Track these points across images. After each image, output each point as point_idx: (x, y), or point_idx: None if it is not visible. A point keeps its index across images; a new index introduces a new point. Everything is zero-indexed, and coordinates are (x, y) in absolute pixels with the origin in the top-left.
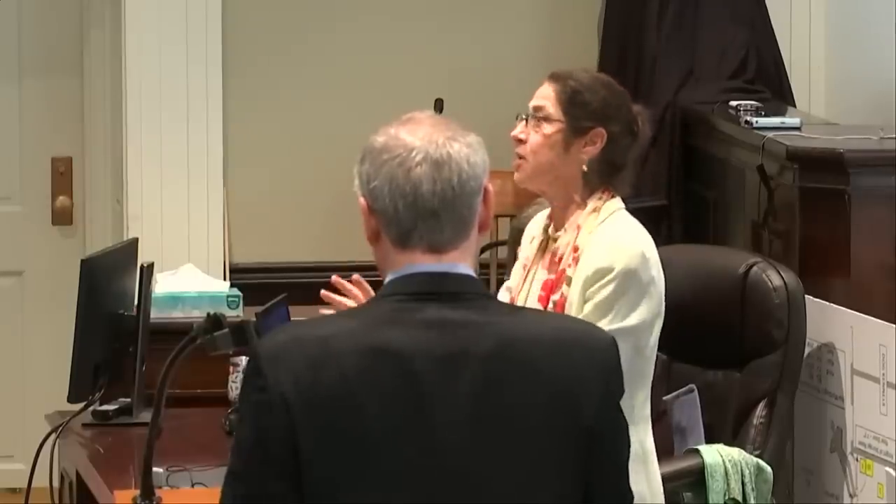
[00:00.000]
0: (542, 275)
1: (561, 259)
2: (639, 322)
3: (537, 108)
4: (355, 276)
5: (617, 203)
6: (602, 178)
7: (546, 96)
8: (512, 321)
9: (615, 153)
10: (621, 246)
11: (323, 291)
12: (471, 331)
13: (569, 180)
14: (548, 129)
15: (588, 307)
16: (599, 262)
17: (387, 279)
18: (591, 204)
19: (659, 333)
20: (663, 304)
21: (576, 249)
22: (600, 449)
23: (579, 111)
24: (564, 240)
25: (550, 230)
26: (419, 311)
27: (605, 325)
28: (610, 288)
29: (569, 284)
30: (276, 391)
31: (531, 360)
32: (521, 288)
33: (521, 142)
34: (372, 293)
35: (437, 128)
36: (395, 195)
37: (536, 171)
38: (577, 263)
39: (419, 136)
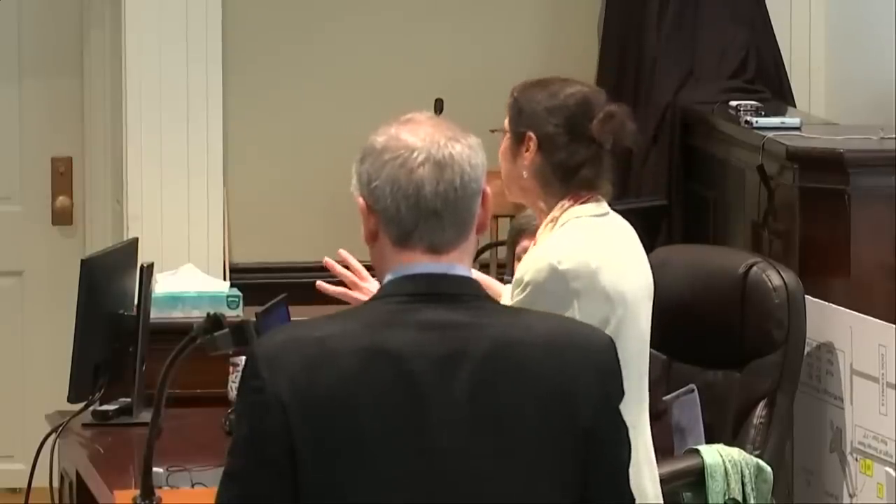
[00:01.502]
0: None
1: None
2: None
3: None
4: (341, 251)
5: (582, 210)
6: (563, 183)
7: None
8: (509, 323)
9: (557, 154)
10: (535, 257)
11: (318, 283)
12: (468, 332)
13: (527, 189)
14: (502, 141)
15: None
16: (518, 272)
17: (385, 279)
18: (551, 214)
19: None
20: (616, 316)
21: None
22: (598, 450)
23: (516, 119)
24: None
25: None
26: (417, 312)
27: None
28: (518, 298)
29: None
30: (273, 392)
31: (528, 362)
32: None
33: None
34: (363, 271)
35: (437, 129)
36: (398, 196)
37: (505, 186)
38: None
39: (420, 137)
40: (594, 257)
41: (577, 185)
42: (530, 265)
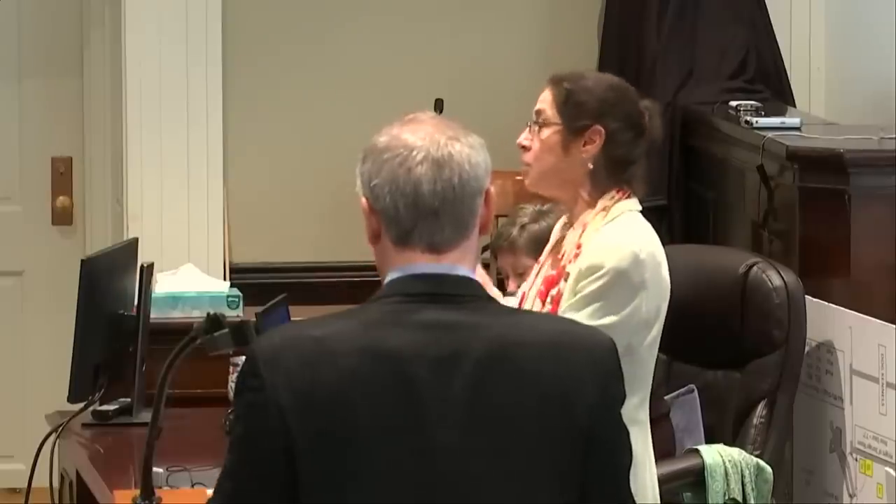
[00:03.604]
0: (546, 270)
1: (563, 255)
2: (622, 320)
3: (537, 113)
4: None
5: (630, 204)
6: (612, 177)
7: (545, 100)
8: (508, 323)
9: (618, 149)
10: (616, 245)
11: None
12: (466, 333)
13: (576, 181)
14: (546, 132)
15: (574, 298)
16: (593, 258)
17: (386, 280)
18: (601, 203)
19: (658, 337)
20: (663, 307)
21: (578, 247)
22: (598, 453)
23: (575, 111)
24: (570, 237)
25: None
26: (416, 312)
27: (585, 317)
28: (597, 284)
29: (566, 280)
30: (271, 392)
31: (526, 363)
32: (532, 283)
33: (525, 149)
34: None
35: (439, 128)
36: (396, 194)
37: (541, 177)
38: (577, 259)
39: (421, 136)
40: (656, 250)
41: (622, 180)
42: (608, 252)
